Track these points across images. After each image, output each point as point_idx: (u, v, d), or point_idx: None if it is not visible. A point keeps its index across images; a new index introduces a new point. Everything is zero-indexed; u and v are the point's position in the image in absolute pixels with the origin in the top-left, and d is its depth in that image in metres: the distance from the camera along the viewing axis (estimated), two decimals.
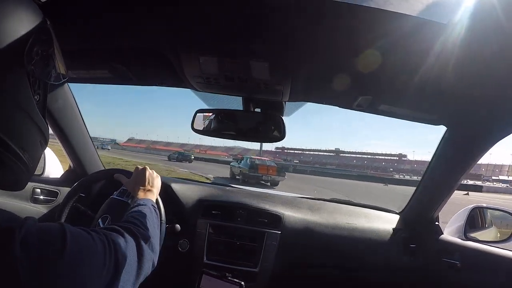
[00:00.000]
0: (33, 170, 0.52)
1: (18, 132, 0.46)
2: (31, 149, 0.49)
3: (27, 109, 0.46)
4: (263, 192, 1.73)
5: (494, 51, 0.64)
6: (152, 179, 1.00)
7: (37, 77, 0.48)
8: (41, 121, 0.50)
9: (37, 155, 0.52)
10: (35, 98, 0.49)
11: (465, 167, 1.15)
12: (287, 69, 0.86)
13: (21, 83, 0.45)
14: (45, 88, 0.52)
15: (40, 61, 0.47)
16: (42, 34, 0.48)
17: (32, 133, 0.49)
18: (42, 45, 0.48)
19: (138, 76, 1.08)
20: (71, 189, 1.19)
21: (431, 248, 1.38)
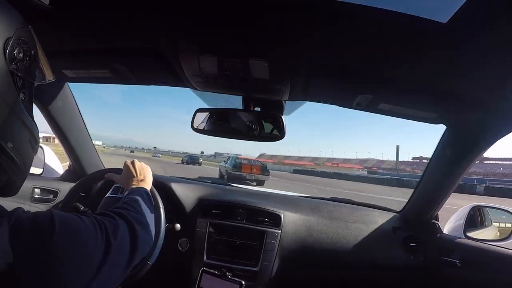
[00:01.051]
0: (25, 171, 0.53)
1: (6, 129, 0.46)
2: (20, 147, 0.50)
3: (13, 107, 0.47)
4: (263, 191, 1.73)
5: (494, 50, 0.65)
6: (143, 169, 1.02)
7: (21, 76, 0.49)
8: (28, 119, 0.51)
9: (28, 154, 0.53)
10: (21, 97, 0.49)
11: (465, 165, 1.15)
12: (286, 68, 0.86)
13: (5, 81, 0.46)
14: (30, 87, 0.53)
15: (23, 61, 0.49)
16: (23, 36, 0.49)
17: (20, 131, 0.50)
18: (23, 46, 0.49)
19: (138, 75, 1.08)
20: (71, 189, 1.19)
21: (431, 246, 1.39)
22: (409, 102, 1.00)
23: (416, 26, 0.61)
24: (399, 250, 1.40)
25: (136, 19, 0.74)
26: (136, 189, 0.87)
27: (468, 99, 0.88)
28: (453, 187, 1.26)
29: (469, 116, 0.99)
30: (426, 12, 0.59)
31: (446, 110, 1.02)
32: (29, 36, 0.51)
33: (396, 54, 0.74)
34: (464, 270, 1.25)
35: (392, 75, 0.85)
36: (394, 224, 1.47)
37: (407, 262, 1.38)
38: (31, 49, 0.51)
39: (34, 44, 0.52)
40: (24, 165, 0.52)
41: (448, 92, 0.86)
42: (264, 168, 15.68)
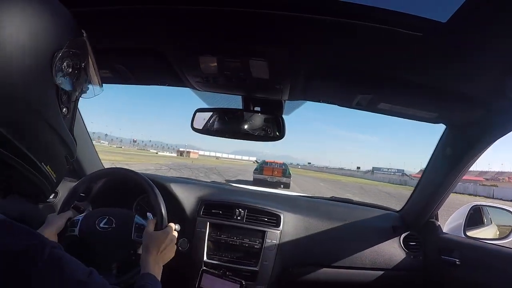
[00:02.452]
0: (56, 184, 0.51)
1: (41, 146, 0.44)
2: (54, 163, 0.47)
3: (53, 123, 0.45)
4: (262, 191, 1.73)
5: (493, 49, 0.65)
6: (170, 251, 0.97)
7: (66, 91, 0.46)
8: (67, 135, 0.49)
9: (62, 169, 0.51)
10: (63, 111, 0.47)
11: (464, 164, 1.15)
12: (286, 68, 0.86)
13: (48, 96, 0.44)
14: (74, 101, 0.51)
15: (71, 75, 0.46)
16: (75, 47, 0.46)
17: (57, 148, 0.48)
18: (74, 58, 0.46)
19: (138, 75, 1.08)
20: (71, 189, 1.19)
21: (431, 245, 1.39)
22: (409, 102, 1.00)
23: (415, 26, 0.61)
24: (399, 249, 1.40)
25: (136, 19, 0.74)
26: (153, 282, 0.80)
27: (468, 98, 0.88)
28: (453, 187, 1.26)
29: (468, 115, 0.99)
30: (425, 12, 0.59)
31: (445, 110, 1.02)
32: (82, 47, 0.48)
33: (396, 54, 0.74)
34: (464, 269, 1.25)
35: (392, 75, 0.85)
36: (394, 223, 1.47)
37: (407, 261, 1.38)
38: (82, 61, 0.48)
39: (86, 55, 0.49)
40: (57, 180, 0.50)
41: (447, 92, 0.86)
42: (285, 171, 16.20)
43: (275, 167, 16.27)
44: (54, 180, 0.49)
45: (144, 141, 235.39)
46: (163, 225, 1.03)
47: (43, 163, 0.45)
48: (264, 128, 1.15)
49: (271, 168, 16.14)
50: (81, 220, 1.06)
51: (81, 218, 1.06)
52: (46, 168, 0.46)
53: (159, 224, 1.03)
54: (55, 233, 1.00)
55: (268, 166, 16.41)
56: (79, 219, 1.06)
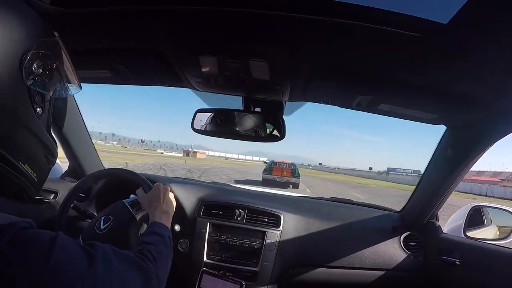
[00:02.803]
0: (39, 183, 0.51)
1: (17, 146, 0.45)
2: (32, 163, 0.48)
3: (27, 124, 0.45)
4: (262, 192, 1.73)
5: (494, 50, 0.64)
6: (170, 201, 0.98)
7: (38, 92, 0.46)
8: (43, 134, 0.49)
9: (42, 169, 0.51)
10: (38, 111, 0.47)
11: (465, 165, 1.15)
12: (286, 69, 0.86)
13: (20, 98, 0.44)
14: (49, 101, 0.51)
15: (42, 76, 0.46)
16: (45, 48, 0.46)
17: (34, 148, 0.48)
18: (44, 59, 0.46)
19: (138, 76, 1.08)
20: (71, 189, 1.18)
21: (431, 246, 1.39)
22: (409, 103, 1.00)
23: (416, 27, 0.61)
24: (399, 249, 1.40)
25: (136, 19, 0.74)
26: (163, 230, 0.82)
27: (469, 99, 0.88)
28: (453, 187, 1.26)
29: (469, 116, 0.99)
30: (426, 13, 0.59)
31: (446, 111, 1.02)
32: (53, 48, 0.48)
33: (396, 55, 0.74)
34: (464, 270, 1.25)
35: (392, 76, 0.85)
36: (394, 223, 1.47)
37: (407, 262, 1.38)
38: (54, 62, 0.48)
39: (58, 56, 0.49)
40: (39, 178, 0.50)
41: (448, 93, 0.86)
42: (295, 171, 16.29)
43: (284, 167, 16.30)
44: (35, 180, 0.50)
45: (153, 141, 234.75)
46: (150, 186, 1.07)
47: (20, 163, 0.45)
48: (265, 129, 1.15)
49: (280, 169, 16.19)
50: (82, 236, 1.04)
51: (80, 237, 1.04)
52: (25, 167, 0.46)
53: (146, 187, 1.06)
54: None
55: (277, 167, 16.42)
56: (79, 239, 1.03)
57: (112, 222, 1.04)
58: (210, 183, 1.81)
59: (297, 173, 16.26)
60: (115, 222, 1.03)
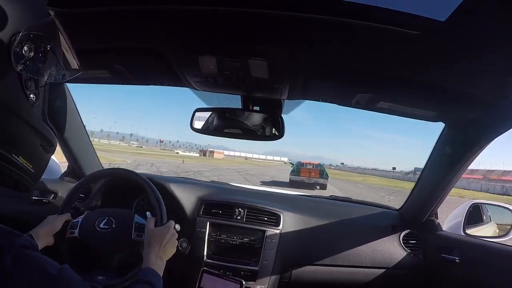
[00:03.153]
0: (36, 174, 0.49)
1: (8, 136, 0.42)
2: (27, 153, 0.45)
3: (19, 112, 0.42)
4: (262, 190, 1.73)
5: (492, 48, 0.65)
6: (170, 247, 0.96)
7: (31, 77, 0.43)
8: (39, 123, 0.46)
9: (39, 159, 0.48)
10: (31, 98, 0.44)
11: (463, 163, 1.15)
12: (286, 67, 0.86)
13: (9, 84, 0.40)
14: (44, 86, 0.47)
15: (35, 59, 0.42)
16: (36, 29, 0.42)
17: (27, 137, 0.45)
18: (37, 41, 0.42)
19: (137, 76, 1.08)
20: (71, 190, 1.18)
21: (430, 244, 1.39)
22: (408, 101, 1.01)
23: (414, 25, 0.61)
24: (399, 247, 1.40)
25: (134, 19, 0.74)
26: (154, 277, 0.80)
27: (467, 97, 0.88)
28: (452, 185, 1.26)
29: (468, 114, 1.00)
30: (424, 11, 0.59)
31: (445, 109, 1.02)
32: (47, 28, 0.44)
33: (395, 53, 0.74)
34: (464, 267, 1.25)
35: (391, 74, 0.85)
36: (393, 222, 1.48)
37: (406, 260, 1.38)
38: (48, 43, 0.43)
39: (54, 35, 0.45)
40: (36, 169, 0.48)
41: (447, 91, 0.86)
42: (323, 172, 16.05)
43: (311, 168, 16.09)
44: (32, 171, 0.47)
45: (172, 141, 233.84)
46: (163, 221, 1.03)
47: (13, 154, 0.42)
48: (264, 127, 1.15)
49: (307, 170, 15.97)
50: (81, 221, 1.06)
51: (80, 220, 1.07)
52: (19, 159, 0.43)
53: (159, 221, 1.03)
54: (51, 233, 1.00)
55: (305, 168, 16.20)
56: (79, 221, 1.06)
57: (112, 227, 1.05)
58: (210, 182, 1.81)
59: (325, 174, 15.98)
60: (116, 228, 1.04)
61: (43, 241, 0.96)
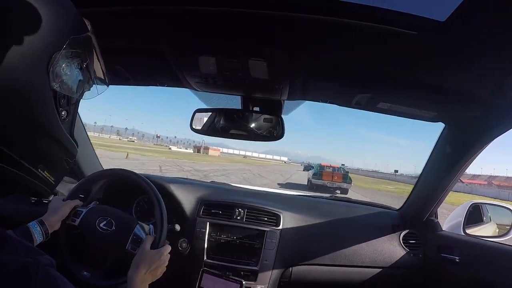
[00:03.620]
0: (55, 185, 0.49)
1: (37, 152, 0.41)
2: (52, 168, 0.45)
3: (50, 130, 0.41)
4: (261, 191, 1.73)
5: (492, 48, 0.65)
6: (157, 272, 0.94)
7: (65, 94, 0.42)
8: (66, 139, 0.46)
9: (61, 173, 0.48)
10: (62, 114, 0.43)
11: (463, 163, 1.15)
12: (285, 68, 0.86)
13: (45, 102, 0.39)
14: (75, 103, 0.47)
15: (71, 77, 0.41)
16: (75, 47, 0.41)
17: (55, 153, 0.45)
18: (75, 59, 0.41)
19: (137, 76, 1.08)
20: (71, 190, 1.18)
21: (430, 243, 1.39)
22: (408, 101, 1.01)
23: (414, 25, 0.61)
24: (399, 247, 1.41)
25: (134, 19, 0.74)
26: None
27: (467, 97, 0.88)
28: (452, 185, 1.26)
29: (467, 114, 1.00)
30: (424, 11, 0.59)
31: (445, 109, 1.02)
32: (84, 45, 0.43)
33: (395, 53, 0.74)
34: (464, 267, 1.25)
35: (391, 74, 0.85)
36: (393, 221, 1.48)
37: (406, 260, 1.39)
38: (84, 61, 0.43)
39: (89, 53, 0.44)
40: (56, 181, 0.47)
41: (447, 91, 0.86)
42: (346, 176, 15.30)
43: (335, 172, 15.23)
44: (53, 183, 0.47)
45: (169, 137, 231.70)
46: (160, 244, 1.02)
47: (39, 169, 0.42)
48: (263, 127, 1.15)
49: (331, 173, 15.06)
50: (84, 213, 1.07)
51: (85, 211, 1.07)
52: (44, 173, 0.43)
53: (156, 243, 1.02)
54: (60, 220, 1.00)
55: (328, 171, 15.17)
56: (83, 211, 1.07)
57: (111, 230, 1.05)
58: (209, 183, 1.81)
59: (349, 178, 15.13)
60: (114, 232, 1.05)
61: (52, 227, 0.97)
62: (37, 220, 0.94)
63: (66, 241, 1.07)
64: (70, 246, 1.07)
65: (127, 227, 1.06)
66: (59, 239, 1.05)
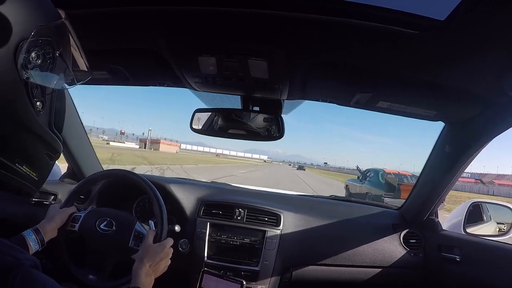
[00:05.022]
0: (39, 181, 0.48)
1: (11, 146, 0.40)
2: (31, 162, 0.44)
3: (24, 121, 0.40)
4: (262, 191, 1.73)
5: (491, 47, 0.65)
6: (161, 266, 0.94)
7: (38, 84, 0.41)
8: (44, 132, 0.45)
9: (43, 167, 0.47)
10: (37, 107, 0.42)
11: (464, 162, 1.15)
12: (285, 67, 0.86)
13: (15, 93, 0.38)
14: (51, 93, 0.46)
15: (42, 66, 0.39)
16: (47, 34, 0.39)
17: (32, 146, 0.44)
18: (45, 46, 0.39)
19: (136, 76, 1.08)
20: (70, 191, 1.18)
21: (431, 243, 1.39)
22: (408, 100, 1.00)
23: (414, 24, 0.61)
24: (399, 246, 1.40)
25: (134, 20, 0.74)
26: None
27: (467, 96, 0.88)
28: (452, 184, 1.26)
29: (467, 112, 1.00)
30: (424, 10, 0.59)
31: (444, 107, 1.02)
32: (56, 33, 0.41)
33: (395, 52, 0.74)
34: (465, 266, 1.25)
35: (391, 73, 0.85)
36: (394, 221, 1.48)
37: (407, 259, 1.38)
38: (57, 49, 0.41)
39: (63, 40, 0.42)
40: (39, 177, 0.46)
41: (446, 89, 0.86)
42: None
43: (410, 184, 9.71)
44: (35, 179, 0.46)
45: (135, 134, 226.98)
46: (162, 238, 1.03)
47: (17, 164, 0.41)
48: (263, 127, 1.15)
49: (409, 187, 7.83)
50: (83, 217, 1.07)
51: (83, 215, 1.07)
52: (22, 168, 0.42)
53: (158, 236, 1.02)
54: (56, 228, 1.00)
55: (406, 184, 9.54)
56: (81, 215, 1.07)
57: (112, 230, 1.05)
58: (210, 183, 1.81)
59: None
60: (115, 232, 1.04)
61: (48, 235, 0.96)
62: (33, 228, 0.94)
63: (68, 248, 1.06)
64: (73, 252, 1.07)
65: (128, 225, 1.06)
66: (60, 246, 1.05)
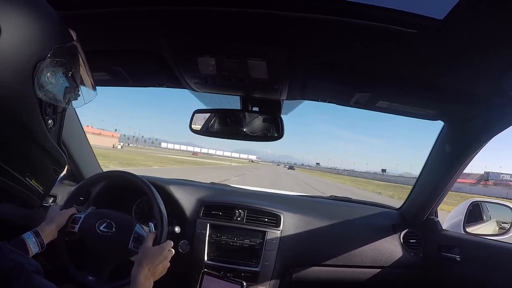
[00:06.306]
0: (44, 194, 0.49)
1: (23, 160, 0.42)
2: (40, 176, 0.45)
3: (36, 138, 0.42)
4: (262, 192, 1.73)
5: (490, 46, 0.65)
6: (160, 269, 0.94)
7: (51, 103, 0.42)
8: (53, 148, 0.46)
9: (49, 181, 0.49)
10: (48, 124, 0.43)
11: (463, 161, 1.15)
12: (285, 67, 0.86)
13: (30, 111, 0.39)
14: (62, 112, 0.47)
15: (56, 86, 0.41)
16: (61, 55, 0.41)
17: (42, 161, 0.45)
18: (60, 67, 0.41)
19: (136, 77, 1.08)
20: (70, 193, 1.18)
21: (431, 243, 1.39)
22: (407, 99, 1.01)
23: (413, 23, 0.61)
24: (399, 246, 1.40)
25: (133, 21, 0.74)
26: None
27: (466, 95, 0.88)
28: (452, 183, 1.26)
29: (467, 112, 1.00)
30: (422, 9, 0.59)
31: (444, 107, 1.02)
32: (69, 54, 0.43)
33: (394, 51, 0.74)
34: (464, 266, 1.25)
35: (390, 73, 0.85)
36: (394, 221, 1.48)
37: (407, 259, 1.38)
38: (69, 69, 0.43)
39: (75, 61, 0.45)
40: (45, 190, 0.48)
41: (445, 89, 0.87)
42: None
43: None
44: (42, 192, 0.47)
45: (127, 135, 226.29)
46: (162, 240, 1.03)
47: (27, 178, 0.43)
48: (263, 128, 1.15)
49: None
50: (83, 219, 1.06)
51: (83, 216, 1.07)
52: (31, 182, 0.44)
53: (158, 239, 1.02)
54: (56, 229, 1.00)
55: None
56: (81, 217, 1.07)
57: (112, 232, 1.05)
58: (209, 184, 1.80)
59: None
60: (114, 234, 1.04)
61: (48, 237, 0.97)
62: (32, 230, 0.94)
63: (67, 249, 1.06)
64: (72, 253, 1.07)
65: (128, 227, 1.06)
66: (59, 247, 1.04)
